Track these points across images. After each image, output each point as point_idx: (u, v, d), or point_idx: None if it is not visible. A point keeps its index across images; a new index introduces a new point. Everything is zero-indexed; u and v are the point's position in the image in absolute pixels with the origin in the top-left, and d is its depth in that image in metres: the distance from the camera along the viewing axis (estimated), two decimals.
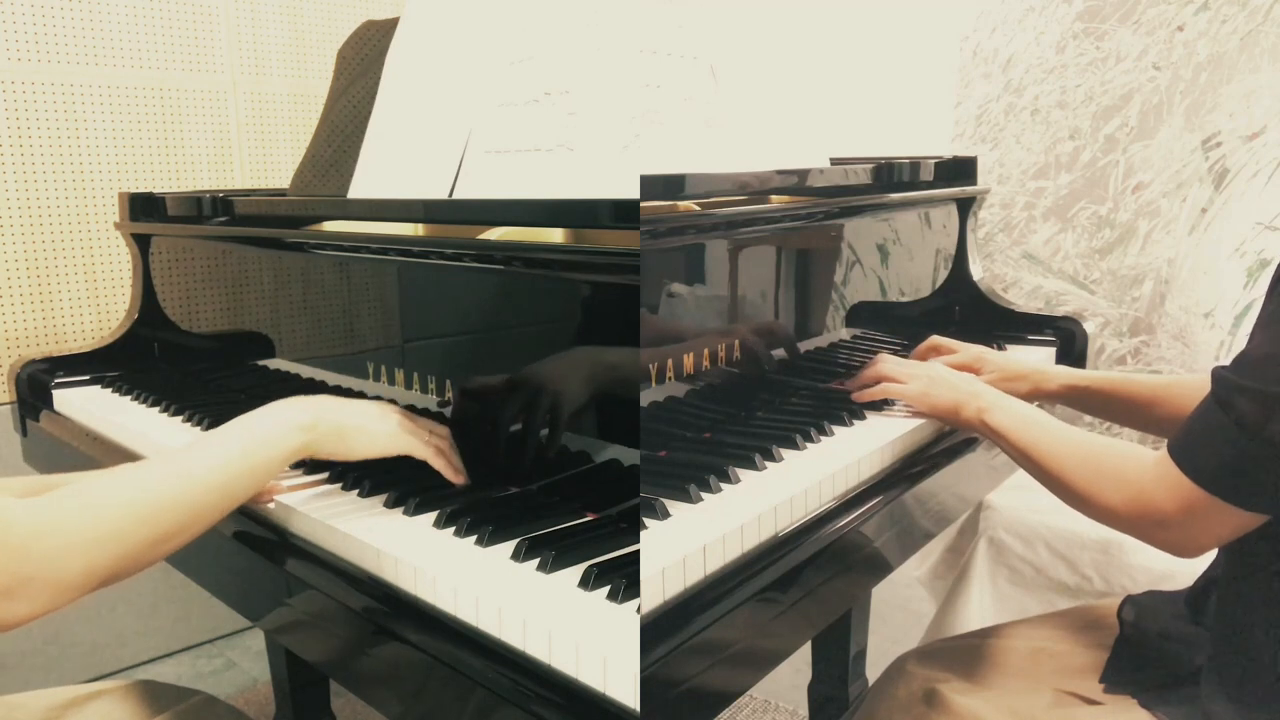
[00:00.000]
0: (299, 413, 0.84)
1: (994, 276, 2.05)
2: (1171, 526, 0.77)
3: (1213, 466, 0.73)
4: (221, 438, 0.80)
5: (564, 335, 0.87)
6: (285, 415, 0.83)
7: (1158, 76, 1.83)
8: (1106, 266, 1.92)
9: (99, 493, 0.70)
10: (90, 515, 0.68)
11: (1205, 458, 0.74)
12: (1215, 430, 0.73)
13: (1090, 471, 0.83)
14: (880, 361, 1.09)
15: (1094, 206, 1.93)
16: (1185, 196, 1.81)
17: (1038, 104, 1.99)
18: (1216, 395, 0.74)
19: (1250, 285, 1.75)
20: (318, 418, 0.84)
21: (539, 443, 0.88)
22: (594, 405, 0.85)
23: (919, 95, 2.27)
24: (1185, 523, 0.76)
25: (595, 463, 0.85)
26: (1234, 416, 0.71)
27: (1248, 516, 0.73)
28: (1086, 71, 1.92)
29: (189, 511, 0.75)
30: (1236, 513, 0.73)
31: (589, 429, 0.86)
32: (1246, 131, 1.74)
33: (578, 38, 0.97)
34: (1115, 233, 1.90)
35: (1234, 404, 0.71)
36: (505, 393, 0.90)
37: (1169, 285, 1.84)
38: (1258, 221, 1.74)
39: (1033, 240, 2.02)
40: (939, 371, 1.04)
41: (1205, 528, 0.76)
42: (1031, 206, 2.01)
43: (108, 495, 0.71)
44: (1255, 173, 1.74)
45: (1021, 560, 1.60)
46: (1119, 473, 0.81)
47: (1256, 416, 0.70)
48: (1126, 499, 0.79)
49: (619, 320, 0.81)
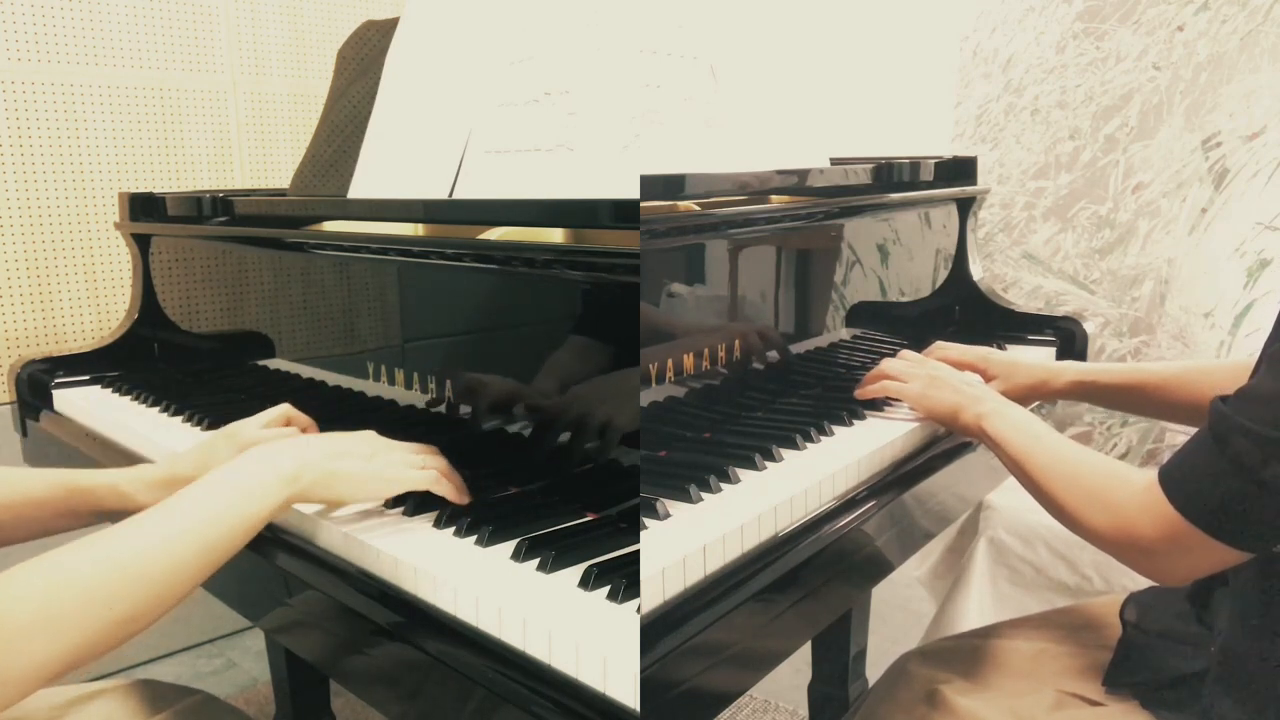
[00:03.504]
0: (283, 462, 0.77)
1: (994, 276, 2.05)
2: (1154, 555, 0.76)
3: (1203, 502, 0.71)
4: (200, 495, 0.72)
5: (564, 335, 0.87)
6: (269, 466, 0.76)
7: (1158, 76, 1.83)
8: (1106, 266, 1.92)
9: (60, 571, 0.62)
10: (50, 600, 0.60)
11: (1196, 492, 0.72)
12: (1209, 465, 0.71)
13: (1078, 491, 0.82)
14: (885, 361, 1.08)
15: (1094, 206, 1.93)
16: (1185, 196, 1.81)
17: (1038, 104, 1.99)
18: (1214, 431, 0.72)
19: (1250, 285, 1.75)
20: (302, 468, 0.77)
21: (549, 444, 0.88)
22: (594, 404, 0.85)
23: (919, 95, 2.27)
24: (1169, 552, 0.75)
25: (595, 463, 0.85)
26: (1230, 455, 0.69)
27: (1232, 552, 0.72)
28: (1086, 71, 1.92)
29: (162, 583, 0.67)
30: (1222, 548, 0.72)
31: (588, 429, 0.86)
32: (1246, 131, 1.74)
33: (578, 38, 0.97)
34: (1115, 233, 1.90)
35: (1231, 442, 0.69)
36: (506, 394, 0.90)
37: (1169, 285, 1.84)
38: (1258, 221, 1.74)
39: (1033, 240, 2.02)
40: (942, 372, 1.03)
41: (1188, 559, 0.74)
42: (1031, 206, 2.01)
43: (69, 574, 0.62)
44: (1255, 173, 1.74)
45: (1021, 560, 1.60)
46: (1106, 496, 0.80)
47: (1254, 458, 0.68)
48: (1111, 523, 0.78)
49: (619, 320, 0.81)
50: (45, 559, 0.63)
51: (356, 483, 0.80)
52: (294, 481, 0.77)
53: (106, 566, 0.64)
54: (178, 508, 0.71)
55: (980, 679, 0.96)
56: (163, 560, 0.67)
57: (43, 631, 0.60)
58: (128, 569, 0.64)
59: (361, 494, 0.81)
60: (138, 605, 0.65)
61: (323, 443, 0.82)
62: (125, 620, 0.64)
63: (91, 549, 0.65)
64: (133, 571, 0.65)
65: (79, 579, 0.63)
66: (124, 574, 0.64)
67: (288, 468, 0.77)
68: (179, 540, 0.68)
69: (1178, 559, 0.75)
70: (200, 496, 0.73)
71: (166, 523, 0.69)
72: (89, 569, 0.64)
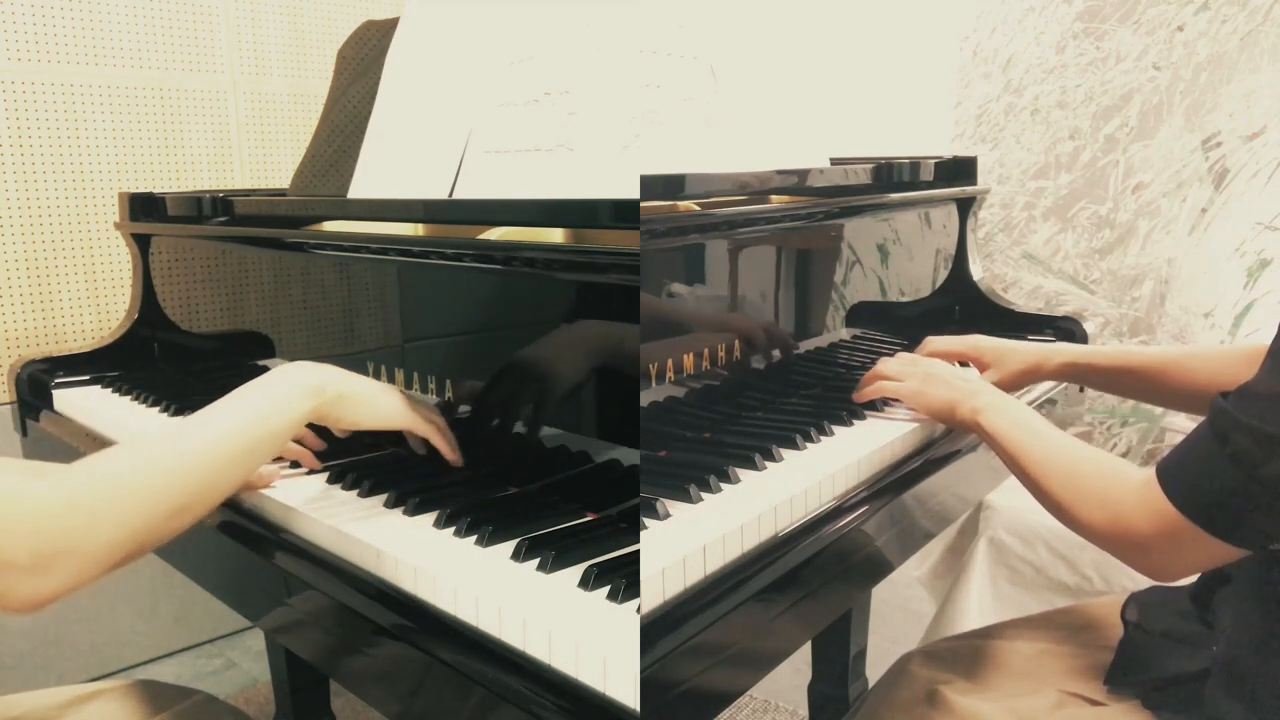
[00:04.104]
0: (308, 376, 0.83)
1: (994, 276, 2.05)
2: (1150, 550, 0.76)
3: (1201, 498, 0.71)
4: (234, 404, 0.79)
5: (564, 335, 0.87)
6: (295, 379, 0.82)
7: (1158, 76, 1.83)
8: (1106, 266, 1.92)
9: (117, 466, 0.70)
10: (110, 488, 0.68)
11: (1194, 488, 0.72)
12: (1208, 462, 0.71)
13: (1075, 487, 0.82)
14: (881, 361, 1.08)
15: (1094, 206, 1.93)
16: (1185, 196, 1.81)
17: (1038, 104, 1.99)
18: (1214, 427, 0.71)
19: (1250, 285, 1.75)
20: (325, 383, 0.83)
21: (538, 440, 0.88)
22: (594, 404, 0.85)
23: (919, 95, 2.27)
24: (1165, 548, 0.75)
25: (595, 463, 0.85)
26: (1230, 452, 0.69)
27: (1230, 549, 0.72)
28: (1086, 71, 1.92)
29: (206, 481, 0.74)
30: (1219, 544, 0.71)
31: (589, 429, 0.86)
32: (1246, 131, 1.74)
33: (578, 38, 0.97)
34: (1115, 233, 1.90)
35: (1231, 439, 0.69)
36: (506, 391, 0.90)
37: (1169, 285, 1.84)
38: (1258, 221, 1.74)
39: (1033, 240, 2.02)
40: (936, 369, 1.03)
41: (1184, 555, 0.74)
42: (1031, 206, 2.01)
43: (126, 468, 0.70)
44: (1255, 173, 1.74)
45: (1021, 560, 1.60)
46: (1102, 491, 0.79)
47: (1254, 456, 0.68)
48: (1107, 519, 0.78)
49: (619, 320, 0.81)
50: (105, 459, 0.71)
51: (369, 405, 0.86)
52: (317, 394, 0.82)
53: (159, 463, 0.72)
54: (214, 416, 0.78)
55: (981, 679, 0.96)
56: (202, 463, 0.74)
57: (107, 514, 0.67)
58: (172, 471, 0.72)
59: (372, 416, 0.87)
60: (188, 497, 0.73)
61: (343, 370, 0.88)
62: (177, 510, 0.72)
63: (137, 452, 0.73)
64: (177, 471, 0.72)
65: (133, 475, 0.70)
66: (169, 474, 0.72)
67: (311, 381, 0.83)
68: (216, 445, 0.75)
69: (1174, 555, 0.75)
70: (236, 406, 0.79)
71: (204, 429, 0.76)
72: (147, 464, 0.71)
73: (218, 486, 0.75)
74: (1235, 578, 0.81)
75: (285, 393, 0.81)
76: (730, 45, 1.10)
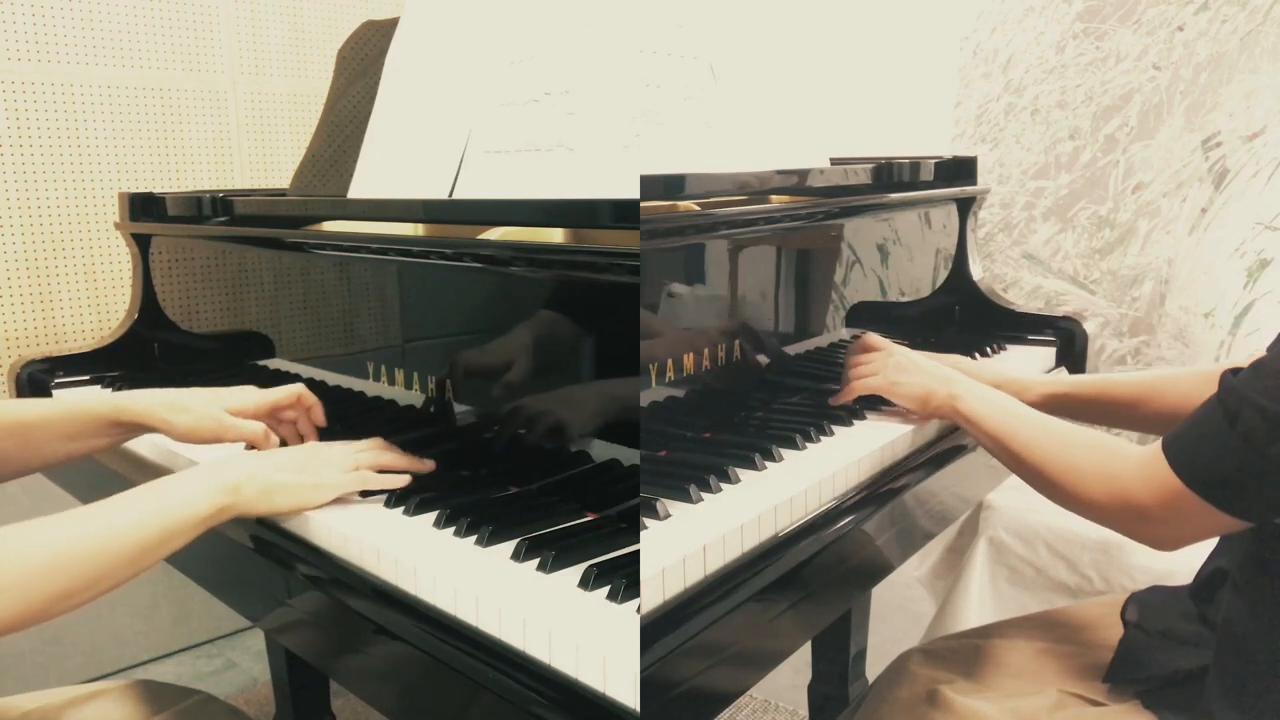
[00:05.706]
0: (228, 473, 0.82)
1: (994, 276, 2.05)
2: (1153, 521, 0.77)
3: (1207, 471, 0.72)
4: (143, 494, 0.79)
5: (564, 335, 0.87)
6: (213, 476, 0.82)
7: (1158, 76, 1.83)
8: (1106, 266, 1.92)
9: (9, 541, 0.70)
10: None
11: (1201, 462, 0.72)
12: (1216, 437, 0.71)
13: (1069, 461, 0.82)
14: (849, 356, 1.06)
15: (1094, 206, 1.93)
16: (1185, 196, 1.81)
17: (1038, 104, 1.99)
18: (1224, 403, 0.72)
19: (1250, 285, 1.75)
20: (247, 478, 0.82)
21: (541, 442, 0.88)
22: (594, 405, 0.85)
23: (919, 95, 2.27)
24: (1167, 519, 0.75)
25: (595, 463, 0.85)
26: (1239, 428, 0.70)
27: (1232, 521, 0.73)
28: (1086, 71, 1.92)
29: (101, 567, 0.73)
30: (1222, 516, 0.72)
31: (588, 429, 0.86)
32: (1246, 131, 1.74)
33: (578, 38, 0.97)
34: (1115, 233, 1.90)
35: (1240, 415, 0.70)
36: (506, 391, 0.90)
37: (1169, 285, 1.84)
38: (1258, 221, 1.74)
39: (1033, 240, 2.02)
40: (908, 359, 1.01)
41: (1187, 526, 0.75)
42: (1031, 206, 2.01)
43: (18, 545, 0.70)
44: (1255, 173, 1.74)
45: (1021, 560, 1.60)
46: (1100, 464, 0.80)
47: (1263, 433, 0.68)
48: (1108, 491, 0.79)
49: (619, 320, 0.81)
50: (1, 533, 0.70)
51: (292, 492, 0.85)
52: (234, 491, 0.82)
53: (48, 547, 0.71)
54: (123, 504, 0.77)
55: (981, 678, 0.96)
56: (100, 550, 0.73)
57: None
58: (64, 553, 0.72)
59: (298, 503, 0.85)
60: (74, 583, 0.72)
61: (266, 457, 0.88)
62: (63, 595, 0.71)
63: (39, 530, 0.72)
64: (69, 555, 0.72)
65: (23, 552, 0.70)
66: (61, 556, 0.71)
67: (230, 478, 0.82)
68: (118, 534, 0.75)
69: (1176, 526, 0.76)
70: (147, 496, 0.79)
71: (110, 516, 0.76)
72: (34, 544, 0.71)
73: (112, 574, 0.74)
74: (1235, 577, 0.81)
75: (195, 487, 0.80)
76: (730, 45, 1.10)
